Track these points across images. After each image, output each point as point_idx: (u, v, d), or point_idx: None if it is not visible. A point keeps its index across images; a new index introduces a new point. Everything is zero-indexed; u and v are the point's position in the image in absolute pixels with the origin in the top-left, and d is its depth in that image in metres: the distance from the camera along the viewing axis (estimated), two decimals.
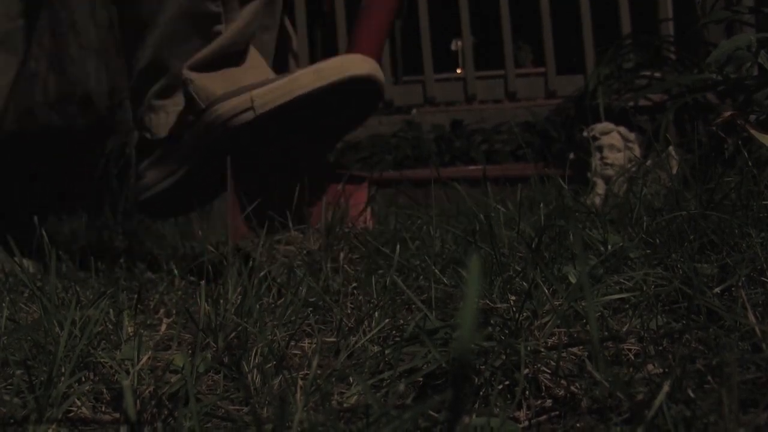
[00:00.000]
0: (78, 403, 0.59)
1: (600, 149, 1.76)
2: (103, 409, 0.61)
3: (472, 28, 3.21)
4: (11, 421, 0.52)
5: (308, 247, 1.05)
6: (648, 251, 0.85)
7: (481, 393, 0.57)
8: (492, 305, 0.70)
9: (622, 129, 1.81)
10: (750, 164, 0.96)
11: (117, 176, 1.86)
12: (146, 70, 1.12)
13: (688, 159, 1.28)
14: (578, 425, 0.52)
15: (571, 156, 1.86)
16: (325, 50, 4.71)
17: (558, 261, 0.81)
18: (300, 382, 0.59)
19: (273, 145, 1.06)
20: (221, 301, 0.78)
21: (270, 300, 0.87)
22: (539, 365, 0.58)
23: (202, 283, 0.79)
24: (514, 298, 0.71)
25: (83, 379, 0.64)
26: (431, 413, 0.51)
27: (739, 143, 1.15)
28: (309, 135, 1.08)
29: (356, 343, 0.70)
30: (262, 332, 0.70)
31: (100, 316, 0.71)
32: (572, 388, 0.56)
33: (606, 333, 0.65)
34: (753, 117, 1.32)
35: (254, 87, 1.01)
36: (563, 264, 0.80)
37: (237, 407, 0.60)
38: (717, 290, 0.72)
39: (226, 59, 1.09)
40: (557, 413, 0.55)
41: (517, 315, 0.64)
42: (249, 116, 0.99)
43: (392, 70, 3.40)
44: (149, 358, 0.68)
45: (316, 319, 0.81)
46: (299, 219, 1.08)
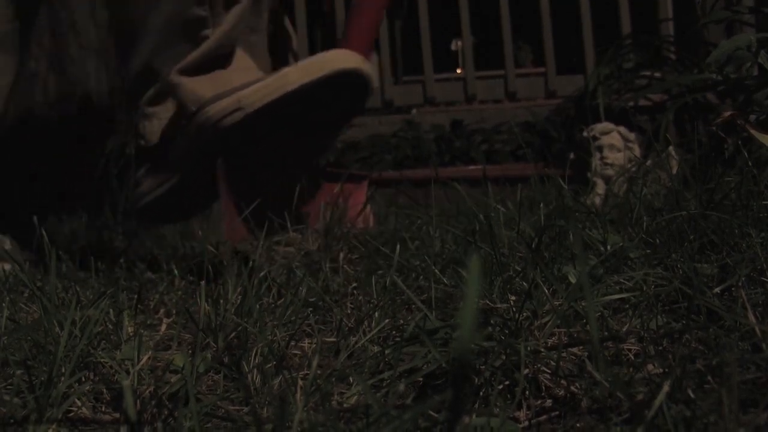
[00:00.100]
0: (78, 403, 0.59)
1: (600, 149, 1.76)
2: (103, 409, 0.61)
3: (472, 28, 3.21)
4: (11, 421, 0.52)
5: (307, 248, 1.06)
6: (648, 251, 0.85)
7: (481, 393, 0.57)
8: (492, 305, 0.70)
9: (622, 129, 1.81)
10: (750, 164, 0.96)
11: (117, 176, 1.87)
12: (139, 76, 1.13)
13: (688, 159, 1.28)
14: (578, 425, 0.52)
15: (571, 156, 1.86)
16: (325, 49, 4.72)
17: (558, 261, 0.81)
18: (300, 382, 0.59)
19: (265, 145, 1.06)
20: (221, 301, 0.79)
21: (270, 300, 0.87)
22: (539, 365, 0.58)
23: (202, 283, 0.79)
24: (514, 298, 0.71)
25: (83, 379, 0.64)
26: (431, 413, 0.51)
27: (739, 143, 1.15)
28: (301, 132, 1.08)
29: (356, 343, 0.70)
30: (262, 332, 0.70)
31: (100, 316, 0.71)
32: (572, 388, 0.56)
33: (606, 333, 0.65)
34: (753, 117, 1.32)
35: (242, 87, 1.02)
36: (563, 264, 0.80)
37: (237, 407, 0.60)
38: (717, 290, 0.72)
39: (214, 62, 1.10)
40: (557, 413, 0.55)
41: (517, 315, 0.64)
42: (238, 116, 1.00)
43: (392, 70, 3.40)
44: (149, 358, 0.68)
45: (316, 319, 0.81)
46: (297, 219, 1.09)
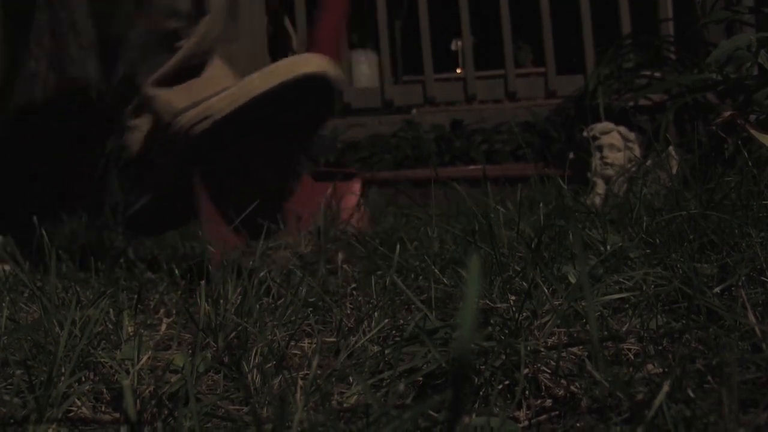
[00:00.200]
0: (78, 403, 0.59)
1: (600, 149, 1.76)
2: (103, 409, 0.61)
3: (472, 28, 3.21)
4: (11, 421, 0.52)
5: (301, 251, 1.07)
6: (648, 251, 0.85)
7: (481, 393, 0.57)
8: (492, 305, 0.70)
9: (622, 129, 1.81)
10: (750, 164, 0.96)
11: (117, 176, 1.86)
12: (121, 89, 1.16)
13: (688, 159, 1.28)
14: (578, 425, 0.52)
15: (571, 156, 1.86)
16: None
17: (558, 261, 0.81)
18: (300, 382, 0.59)
19: (239, 149, 1.09)
20: (221, 301, 0.79)
21: (270, 300, 0.87)
22: (539, 365, 0.58)
23: (202, 283, 0.79)
24: (514, 298, 0.71)
25: (83, 379, 0.64)
26: (431, 413, 0.51)
27: (739, 143, 1.15)
28: (273, 135, 1.11)
29: (356, 343, 0.70)
30: (262, 332, 0.70)
31: (100, 316, 0.71)
32: (572, 388, 0.56)
33: (606, 333, 0.65)
34: (753, 117, 1.32)
35: (212, 96, 1.06)
36: (563, 264, 0.80)
37: (237, 407, 0.60)
38: (717, 290, 0.72)
39: (187, 73, 1.14)
40: (557, 413, 0.55)
41: (517, 315, 0.64)
42: (207, 124, 1.04)
43: (392, 70, 3.40)
44: (149, 358, 0.68)
45: (316, 319, 0.81)
46: (283, 222, 1.10)
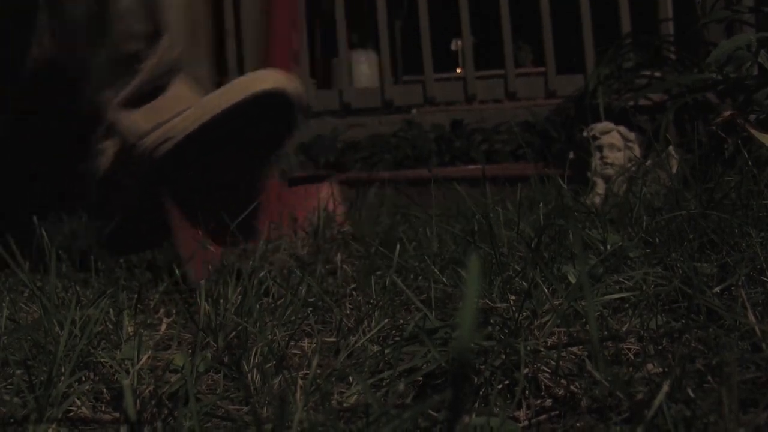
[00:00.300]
0: (78, 403, 0.59)
1: (600, 149, 1.76)
2: (103, 409, 0.61)
3: (472, 28, 3.21)
4: (11, 421, 0.52)
5: (299, 253, 1.08)
6: (648, 251, 0.85)
7: (481, 392, 0.57)
8: (492, 305, 0.70)
9: (622, 128, 1.81)
10: (750, 164, 0.96)
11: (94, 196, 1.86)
12: (91, 113, 1.17)
13: (688, 159, 1.28)
14: (578, 425, 0.52)
15: (571, 155, 1.86)
16: (325, 49, 4.72)
17: (557, 260, 0.81)
18: (300, 382, 0.59)
19: (204, 166, 1.13)
20: (221, 301, 0.79)
21: (269, 300, 0.87)
22: (539, 365, 0.58)
23: (202, 283, 0.79)
24: (514, 298, 0.71)
25: (83, 379, 0.64)
26: (431, 413, 0.51)
27: (739, 143, 1.15)
28: (238, 150, 1.14)
29: (356, 343, 0.70)
30: (262, 332, 0.70)
31: (100, 316, 0.71)
32: (572, 388, 0.56)
33: (606, 332, 0.65)
34: (753, 117, 1.32)
35: (174, 116, 1.09)
36: (563, 263, 0.80)
37: (237, 407, 0.60)
38: (717, 290, 0.72)
39: (150, 93, 1.17)
40: (557, 413, 0.55)
41: (517, 314, 0.64)
42: (169, 145, 1.07)
43: (392, 70, 3.40)
44: (149, 358, 0.68)
45: (316, 319, 0.81)
46: (250, 230, 1.12)
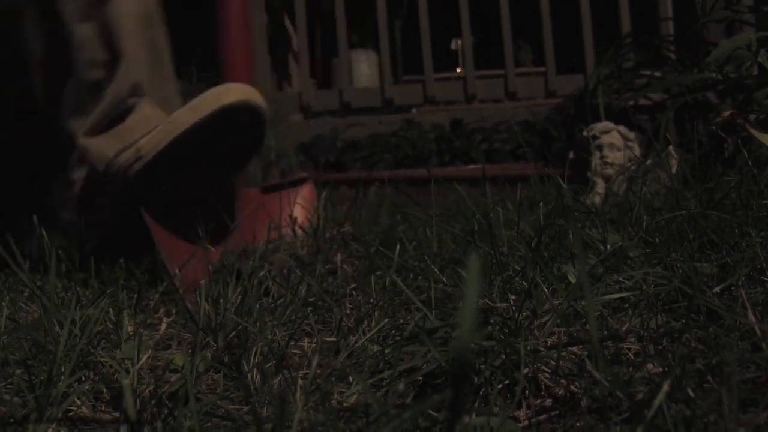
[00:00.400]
0: (78, 403, 0.59)
1: (600, 148, 1.76)
2: (103, 409, 0.61)
3: (472, 28, 3.21)
4: (11, 421, 0.52)
5: (298, 253, 1.08)
6: (648, 250, 0.85)
7: (481, 392, 0.57)
8: (492, 305, 0.70)
9: (622, 128, 1.81)
10: (750, 164, 0.96)
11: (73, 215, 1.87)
12: (64, 143, 1.21)
13: (688, 158, 1.28)
14: (578, 424, 0.52)
15: (571, 155, 1.86)
16: (325, 49, 4.72)
17: (557, 260, 0.81)
18: (300, 382, 0.59)
19: (177, 180, 1.14)
20: (221, 301, 0.79)
21: (269, 300, 0.87)
22: (539, 364, 0.58)
23: (202, 282, 0.79)
24: (514, 298, 0.71)
25: (83, 379, 0.64)
26: (431, 413, 0.51)
27: (739, 143, 1.15)
28: (209, 162, 1.16)
29: (356, 343, 0.70)
30: (262, 332, 0.70)
31: (100, 316, 0.71)
32: (572, 388, 0.56)
33: (606, 332, 0.65)
34: (753, 116, 1.32)
35: (143, 136, 1.11)
36: (563, 263, 0.80)
37: (237, 407, 0.60)
38: (717, 289, 0.72)
39: (114, 119, 1.19)
40: (557, 412, 0.55)
41: (517, 314, 0.64)
42: (140, 165, 1.09)
43: (392, 70, 3.40)
44: (149, 358, 0.68)
45: (316, 319, 0.81)
46: (225, 242, 1.13)
